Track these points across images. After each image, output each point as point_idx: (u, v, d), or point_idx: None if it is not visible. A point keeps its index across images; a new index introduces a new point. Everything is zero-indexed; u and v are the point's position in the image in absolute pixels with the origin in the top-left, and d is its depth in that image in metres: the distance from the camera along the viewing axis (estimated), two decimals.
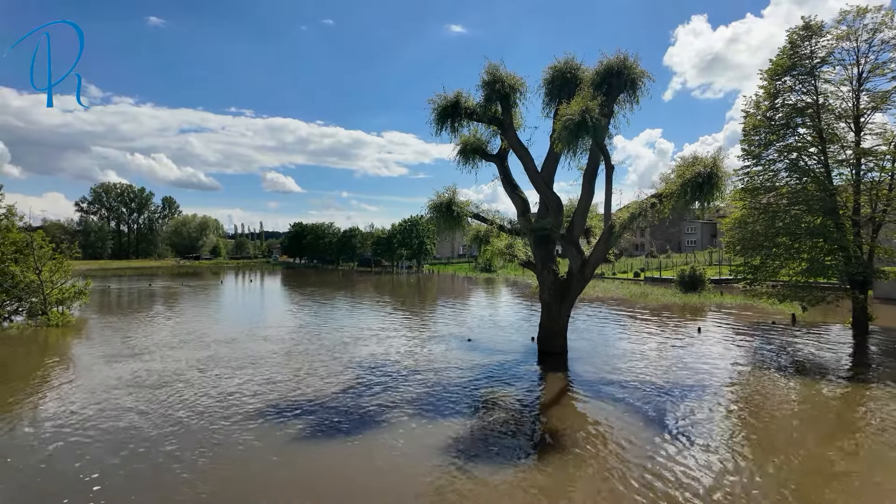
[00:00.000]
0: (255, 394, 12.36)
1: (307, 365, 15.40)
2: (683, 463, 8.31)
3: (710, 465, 8.26)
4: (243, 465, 8.37)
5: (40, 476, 7.99)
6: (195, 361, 15.71)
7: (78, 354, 17.31)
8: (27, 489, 7.57)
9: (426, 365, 15.45)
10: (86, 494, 7.29)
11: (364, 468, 8.30)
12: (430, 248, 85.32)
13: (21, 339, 20.57)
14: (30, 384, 13.43)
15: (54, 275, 25.23)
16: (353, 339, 19.88)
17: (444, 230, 17.30)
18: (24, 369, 15.30)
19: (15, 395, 12.40)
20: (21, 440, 9.50)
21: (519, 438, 9.62)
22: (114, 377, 13.78)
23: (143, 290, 46.95)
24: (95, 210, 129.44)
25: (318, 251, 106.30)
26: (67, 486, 7.60)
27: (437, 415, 10.90)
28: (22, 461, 8.52)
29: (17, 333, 21.46)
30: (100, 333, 21.61)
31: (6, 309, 24.31)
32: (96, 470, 8.09)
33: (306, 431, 9.86)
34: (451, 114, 15.78)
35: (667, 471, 8.03)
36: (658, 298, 32.87)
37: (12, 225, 25.65)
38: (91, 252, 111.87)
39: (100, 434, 9.65)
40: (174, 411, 10.94)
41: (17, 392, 12.61)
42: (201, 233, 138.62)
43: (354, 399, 11.98)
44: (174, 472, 8.05)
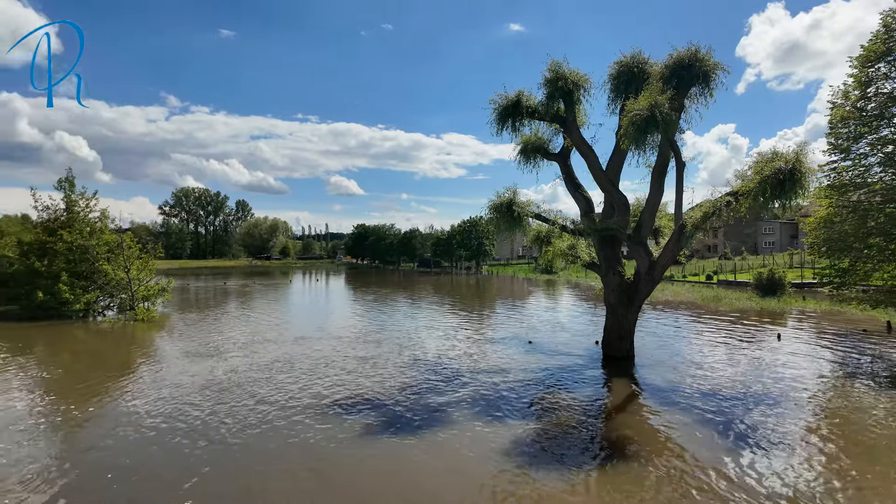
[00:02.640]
0: (322, 391, 12.75)
1: (371, 363, 15.73)
2: (756, 479, 7.77)
3: (787, 483, 7.68)
4: (309, 459, 8.65)
5: (129, 459, 8.61)
6: (266, 359, 16.41)
7: (161, 348, 18.58)
8: (115, 469, 8.19)
9: (487, 366, 15.38)
10: (163, 484, 7.77)
11: (425, 466, 8.36)
12: (489, 249, 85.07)
13: (112, 332, 22.37)
14: (120, 374, 14.55)
15: (141, 273, 27.28)
16: (414, 338, 20.12)
17: (505, 231, 17.13)
18: (115, 360, 16.62)
19: (108, 383, 13.48)
20: (108, 425, 10.26)
21: (582, 444, 9.36)
22: (192, 372, 14.62)
23: (218, 287, 49.81)
24: (176, 213, 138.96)
25: (380, 252, 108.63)
26: (148, 472, 8.15)
27: (498, 416, 10.81)
28: (106, 445, 9.22)
29: (108, 327, 23.35)
30: (180, 329, 23.11)
31: (100, 304, 26.56)
32: (177, 459, 8.63)
33: (370, 428, 10.06)
34: (512, 113, 15.62)
35: (738, 485, 7.53)
36: (732, 303, 31.04)
37: (105, 227, 28.02)
38: (172, 252, 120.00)
39: (179, 424, 10.27)
40: (245, 406, 11.46)
41: (109, 380, 13.69)
42: (271, 234, 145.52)
43: (417, 397, 12.11)
44: (244, 464, 8.44)
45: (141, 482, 7.63)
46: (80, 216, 27.49)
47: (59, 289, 24.31)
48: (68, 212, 27.45)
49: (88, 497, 7.19)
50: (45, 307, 24.42)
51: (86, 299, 25.31)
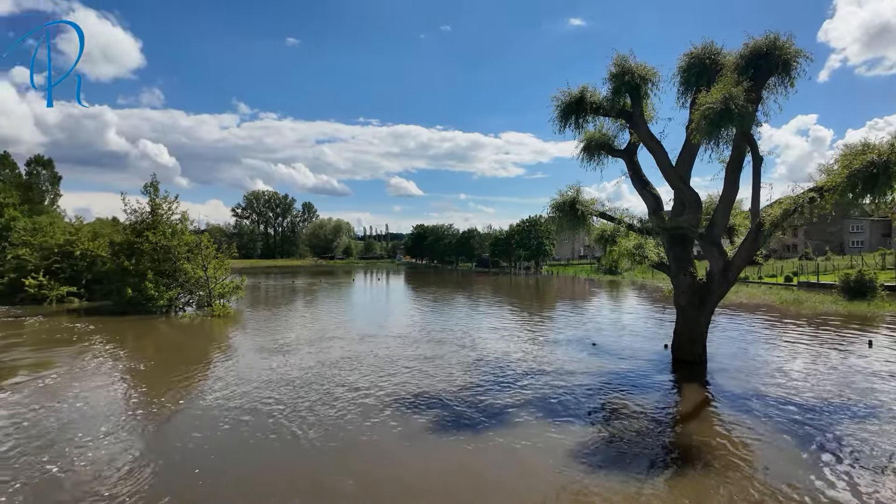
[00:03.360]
0: (388, 389, 13.02)
1: (434, 363, 15.91)
2: (838, 499, 7.19)
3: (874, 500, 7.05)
4: (379, 457, 8.87)
5: (213, 455, 9.15)
6: (333, 356, 16.95)
7: (236, 343, 19.65)
8: (201, 465, 8.75)
9: (548, 367, 15.16)
10: (242, 478, 8.16)
11: (487, 466, 8.35)
12: (548, 248, 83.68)
13: (192, 326, 23.90)
14: (201, 368, 15.54)
15: (217, 272, 28.97)
16: (475, 339, 20.15)
17: (567, 230, 16.80)
18: (195, 354, 17.77)
19: (190, 376, 14.43)
20: (193, 420, 10.93)
21: (649, 450, 9.03)
22: (265, 367, 15.31)
23: (286, 286, 52.03)
24: (247, 215, 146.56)
25: (438, 252, 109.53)
26: (229, 466, 8.57)
27: (561, 418, 10.63)
28: (184, 432, 9.84)
29: (188, 322, 24.97)
30: (253, 325, 24.34)
31: (181, 301, 28.47)
32: (254, 454, 9.05)
33: (435, 427, 10.16)
34: (576, 109, 15.29)
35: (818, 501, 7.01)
36: (815, 306, 28.88)
37: (185, 228, 30.01)
38: (244, 252, 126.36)
39: (255, 420, 10.76)
40: (317, 403, 11.85)
41: (191, 374, 14.66)
42: (335, 235, 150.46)
43: (480, 398, 12.12)
44: (317, 461, 8.73)
45: (222, 477, 7.98)
46: (163, 218, 29.60)
47: (146, 286, 26.26)
48: (153, 214, 29.62)
49: (177, 491, 7.58)
50: (133, 303, 26.44)
51: (168, 296, 27.21)
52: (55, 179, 71.20)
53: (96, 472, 7.77)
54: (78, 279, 32.39)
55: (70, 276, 32.25)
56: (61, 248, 32.91)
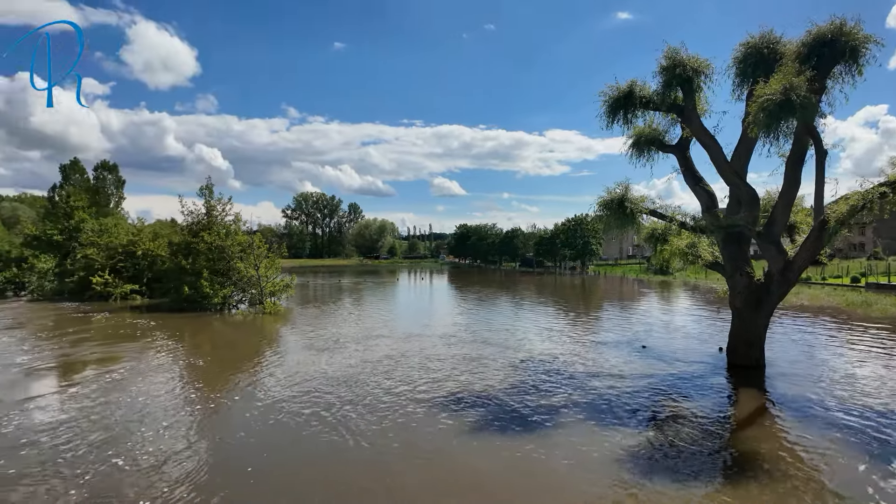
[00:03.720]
0: (434, 388, 13.07)
1: (479, 362, 15.85)
2: None
3: None
4: (417, 452, 8.90)
5: (266, 452, 9.44)
6: (379, 354, 17.14)
7: (286, 340, 20.24)
8: (235, 443, 9.05)
9: (597, 370, 14.82)
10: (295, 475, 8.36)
11: (534, 467, 8.22)
12: (595, 248, 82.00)
13: (244, 323, 24.80)
14: (253, 364, 16.08)
15: (268, 271, 29.97)
16: (520, 339, 19.96)
17: (615, 229, 16.35)
18: (247, 350, 18.42)
19: (243, 371, 14.97)
20: (240, 411, 11.33)
21: (703, 456, 8.64)
22: (315, 364, 15.64)
23: (333, 285, 53.24)
24: (297, 216, 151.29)
25: (481, 251, 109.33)
26: (269, 458, 8.81)
27: (610, 421, 10.35)
28: (238, 428, 10.18)
29: (241, 319, 25.93)
30: (302, 322, 25.01)
31: (234, 298, 29.60)
32: (307, 451, 9.23)
33: (477, 426, 10.10)
34: (624, 104, 14.86)
35: None
36: (886, 309, 26.98)
37: (238, 229, 31.20)
38: (293, 252, 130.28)
39: (307, 417, 10.98)
40: (366, 399, 11.99)
41: (244, 369, 15.21)
42: (380, 235, 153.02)
43: (524, 398, 11.97)
44: (368, 458, 8.80)
45: (272, 476, 8.16)
46: (217, 219, 30.89)
47: (201, 284, 27.45)
48: (208, 216, 30.95)
49: (230, 489, 7.73)
50: (190, 300, 27.71)
51: (222, 294, 28.34)
52: (119, 183, 75.58)
53: (156, 467, 8.03)
54: (140, 277, 34.31)
55: (133, 275, 34.21)
56: (125, 248, 34.96)
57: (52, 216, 41.36)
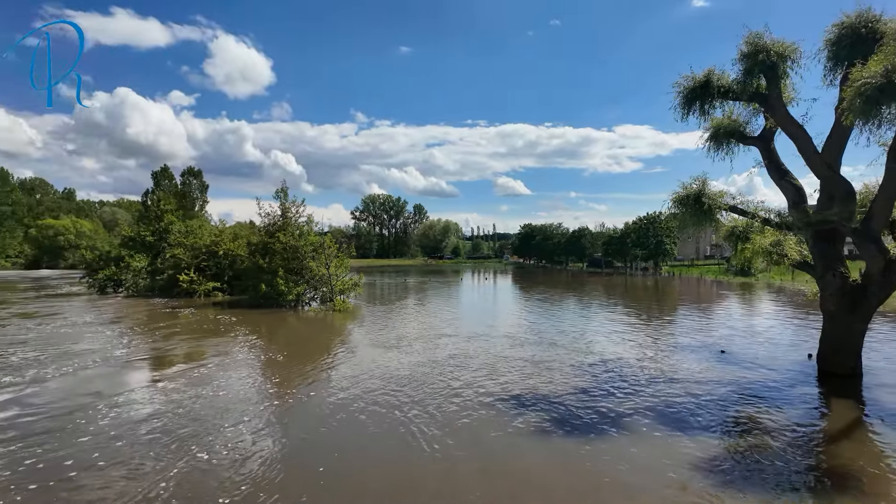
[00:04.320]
0: (500, 389, 13.00)
1: (544, 365, 15.60)
2: None
3: None
4: (486, 458, 8.87)
5: (337, 452, 9.74)
6: (444, 354, 17.25)
7: (355, 337, 20.86)
8: (308, 441, 9.37)
9: (669, 374, 14.14)
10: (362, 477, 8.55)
11: (603, 477, 7.96)
12: (669, 248, 78.31)
13: (316, 320, 25.82)
14: (325, 360, 16.69)
15: (338, 270, 31.06)
16: (589, 341, 19.44)
17: (691, 226, 15.48)
18: (319, 345, 19.17)
19: (316, 367, 15.58)
20: (313, 408, 11.74)
21: (788, 471, 7.98)
22: (383, 361, 15.95)
23: (399, 284, 54.30)
24: (364, 217, 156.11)
25: (547, 251, 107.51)
26: (340, 458, 9.03)
27: (682, 428, 9.84)
28: (312, 427, 10.54)
29: (313, 315, 27.02)
30: (370, 319, 25.70)
31: (307, 296, 30.91)
32: (376, 452, 9.37)
33: (546, 432, 9.88)
34: (701, 95, 14.08)
35: None
36: None
37: (310, 230, 32.60)
38: (361, 252, 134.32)
39: (375, 416, 11.22)
40: (427, 398, 12.09)
41: (317, 365, 15.81)
42: (444, 235, 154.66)
43: (593, 403, 11.64)
44: (435, 459, 8.84)
45: (343, 478, 8.27)
46: (291, 221, 32.41)
47: (277, 282, 28.86)
48: (283, 217, 32.55)
49: (304, 489, 7.85)
50: (267, 297, 29.23)
51: (296, 291, 29.67)
52: (203, 188, 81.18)
53: (236, 463, 8.20)
54: (221, 276, 36.63)
55: (215, 273, 36.60)
56: (208, 248, 37.47)
57: (145, 219, 45.09)
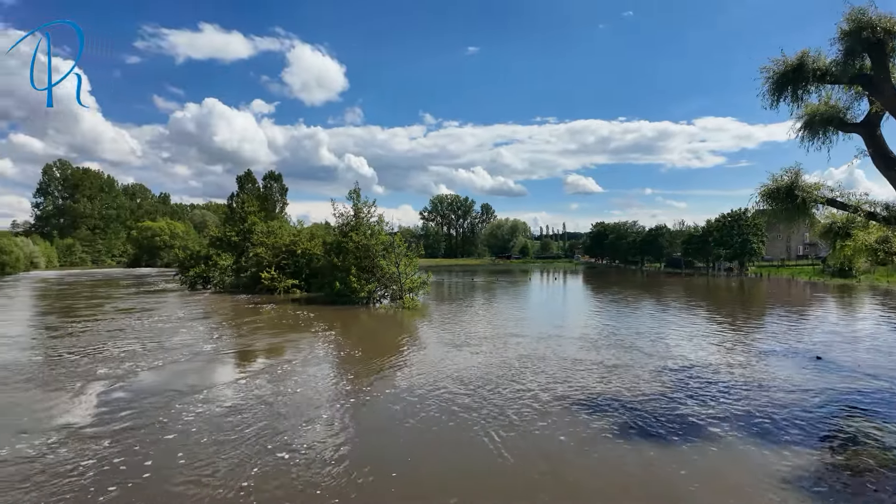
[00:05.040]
0: (572, 392, 12.70)
1: (619, 368, 15.05)
2: None
3: None
4: (562, 466, 8.68)
5: (407, 454, 9.84)
6: (513, 354, 17.02)
7: (424, 335, 21.13)
8: (382, 444, 9.52)
9: (758, 382, 13.15)
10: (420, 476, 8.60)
11: (688, 488, 7.53)
12: (756, 247, 72.90)
13: (386, 317, 26.45)
14: (396, 357, 17.00)
15: (407, 268, 31.63)
16: (666, 345, 18.51)
17: (783, 222, 14.23)
18: (391, 342, 19.59)
19: (387, 363, 15.89)
20: (387, 407, 11.93)
21: None
22: (451, 360, 16.01)
23: (467, 283, 54.46)
24: (433, 217, 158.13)
25: (620, 251, 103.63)
26: (413, 463, 9.06)
27: (775, 438, 9.11)
28: (385, 428, 10.70)
29: (384, 312, 27.70)
30: (438, 318, 25.96)
31: (377, 294, 31.73)
32: (442, 453, 9.38)
33: (625, 439, 9.47)
34: (793, 79, 12.95)
35: None
36: None
37: (381, 230, 33.42)
38: (429, 252, 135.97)
39: (444, 416, 11.21)
40: (497, 400, 11.94)
41: (388, 362, 16.10)
42: (512, 235, 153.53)
43: (669, 407, 11.07)
44: (507, 461, 8.74)
45: (414, 485, 8.23)
46: (363, 221, 33.42)
47: (350, 280, 29.87)
48: (355, 217, 33.64)
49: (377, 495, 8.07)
50: (341, 294, 30.32)
51: (368, 289, 30.56)
52: (283, 191, 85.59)
53: (312, 463, 8.17)
54: (299, 273, 38.44)
55: (293, 271, 38.46)
56: (287, 247, 39.45)
57: (231, 220, 48.20)
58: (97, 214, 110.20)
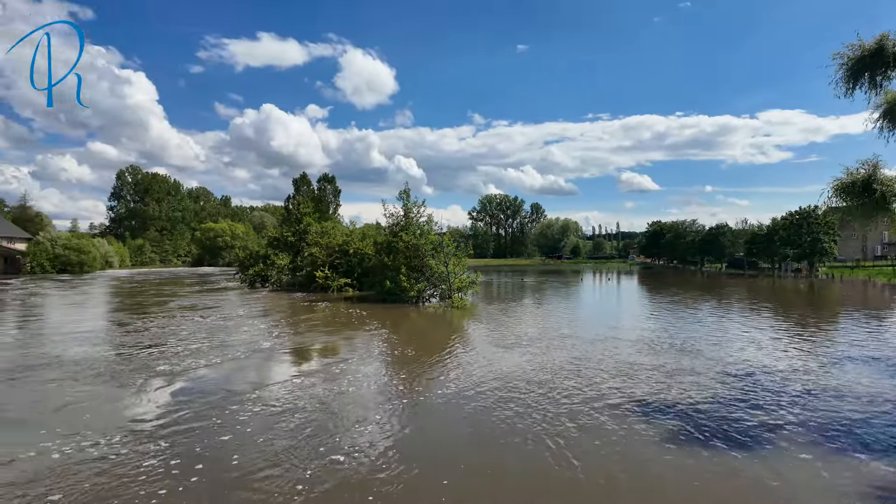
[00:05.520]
0: (628, 398, 12.31)
1: (679, 372, 14.46)
2: None
3: None
4: (625, 480, 8.40)
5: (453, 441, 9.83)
6: (565, 356, 16.64)
7: (473, 335, 21.07)
8: (434, 449, 9.50)
9: (834, 389, 12.26)
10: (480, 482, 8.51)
11: (741, 495, 7.11)
12: (827, 246, 68.32)
13: (435, 316, 26.58)
14: (446, 356, 17.01)
15: (456, 268, 31.73)
16: (731, 350, 17.62)
17: (857, 220, 13.23)
18: (442, 341, 19.60)
19: (438, 364, 15.93)
20: (438, 410, 11.91)
21: None
22: (501, 361, 15.82)
23: (516, 283, 53.98)
24: (481, 217, 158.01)
25: (678, 251, 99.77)
26: (465, 472, 9.00)
27: (853, 449, 8.46)
28: (437, 434, 10.70)
29: (433, 312, 27.86)
30: (487, 317, 25.85)
31: (427, 293, 31.98)
32: (489, 455, 9.34)
33: (689, 447, 9.04)
34: (871, 65, 11.98)
35: None
36: None
37: (430, 230, 33.66)
38: (478, 252, 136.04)
39: (494, 419, 11.10)
40: (551, 404, 11.75)
41: (440, 362, 16.11)
42: (563, 234, 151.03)
43: (728, 412, 10.51)
44: (556, 465, 8.64)
45: (470, 489, 8.30)
46: (413, 221, 33.79)
47: (400, 279, 30.25)
48: (405, 217, 34.08)
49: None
50: (391, 293, 30.79)
51: (417, 288, 30.86)
52: (336, 193, 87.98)
53: (363, 469, 7.94)
54: (352, 272, 39.37)
55: (346, 270, 39.42)
56: (340, 247, 40.50)
57: (287, 221, 50.01)
58: (164, 216, 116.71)
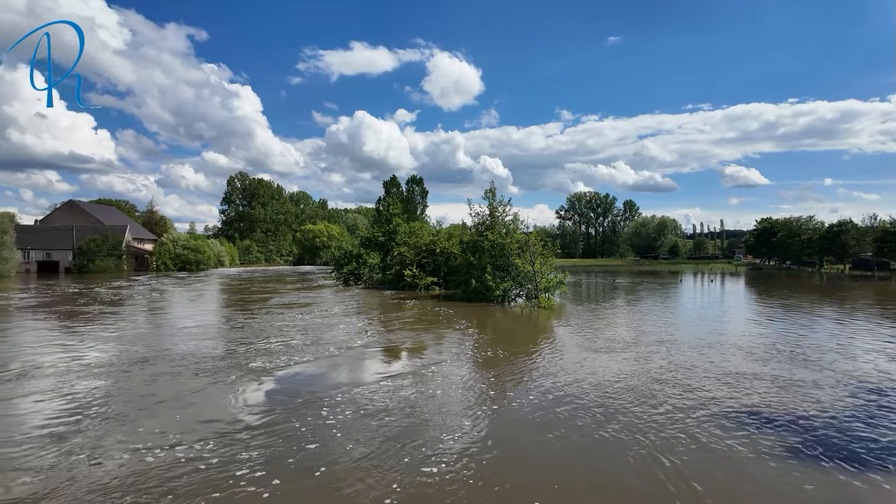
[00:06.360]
0: (736, 410, 11.24)
1: (793, 383, 12.99)
2: None
3: None
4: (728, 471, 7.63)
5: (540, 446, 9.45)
6: (660, 364, 15.57)
7: (560, 336, 20.37)
8: (525, 463, 9.15)
9: None
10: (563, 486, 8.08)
11: None
12: None
13: (521, 315, 26.08)
14: (531, 358, 16.61)
15: (543, 267, 30.97)
16: (856, 361, 15.58)
17: None
18: (528, 343, 19.15)
19: (525, 366, 15.55)
20: (526, 414, 11.56)
21: None
22: (589, 365, 15.17)
23: (607, 284, 51.74)
24: (570, 216, 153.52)
25: (792, 251, 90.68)
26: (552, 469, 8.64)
27: None
28: (526, 430, 10.37)
29: (519, 311, 27.37)
30: (575, 319, 24.92)
31: (513, 292, 31.52)
32: (580, 467, 8.87)
33: (797, 450, 8.19)
34: None
35: None
36: None
37: (516, 229, 33.18)
38: (566, 251, 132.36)
39: (580, 425, 10.60)
40: (649, 416, 11.00)
41: (527, 364, 15.72)
42: (659, 233, 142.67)
43: (860, 425, 9.19)
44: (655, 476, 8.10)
45: (539, 479, 8.00)
46: (498, 220, 33.49)
47: (486, 278, 30.06)
48: (491, 217, 33.87)
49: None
50: (476, 292, 30.74)
51: (503, 287, 30.49)
52: (424, 194, 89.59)
53: (447, 482, 7.61)
54: (438, 271, 39.89)
55: (433, 269, 39.98)
56: (427, 247, 41.16)
57: (378, 222, 51.71)
58: (269, 219, 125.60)
